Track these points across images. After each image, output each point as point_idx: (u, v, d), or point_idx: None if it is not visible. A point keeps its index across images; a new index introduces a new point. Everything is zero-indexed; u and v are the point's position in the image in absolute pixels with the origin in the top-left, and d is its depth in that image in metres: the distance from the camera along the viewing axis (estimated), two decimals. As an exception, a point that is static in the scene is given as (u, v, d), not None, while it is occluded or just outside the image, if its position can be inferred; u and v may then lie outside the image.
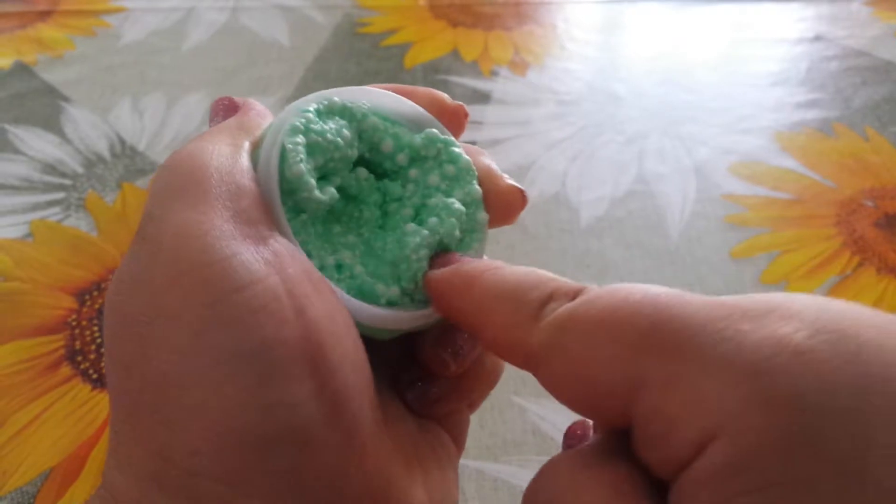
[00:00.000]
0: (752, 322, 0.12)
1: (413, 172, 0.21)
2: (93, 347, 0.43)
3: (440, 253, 0.20)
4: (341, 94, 0.20)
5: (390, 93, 0.21)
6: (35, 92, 0.66)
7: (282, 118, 0.19)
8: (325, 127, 0.19)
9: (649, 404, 0.13)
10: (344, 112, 0.20)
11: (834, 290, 0.46)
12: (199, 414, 0.14)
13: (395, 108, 0.21)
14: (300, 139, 0.18)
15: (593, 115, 0.63)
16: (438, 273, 0.19)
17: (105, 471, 0.16)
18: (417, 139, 0.21)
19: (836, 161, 0.58)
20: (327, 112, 0.20)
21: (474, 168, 0.21)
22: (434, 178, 0.21)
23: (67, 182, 0.55)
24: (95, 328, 0.44)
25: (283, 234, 0.17)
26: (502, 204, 0.21)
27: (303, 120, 0.19)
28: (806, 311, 0.12)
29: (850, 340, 0.12)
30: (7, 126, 0.61)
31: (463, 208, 0.20)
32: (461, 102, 0.22)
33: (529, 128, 0.62)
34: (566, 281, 0.16)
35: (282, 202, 0.18)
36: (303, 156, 0.18)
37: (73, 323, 0.44)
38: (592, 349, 0.14)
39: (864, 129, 0.61)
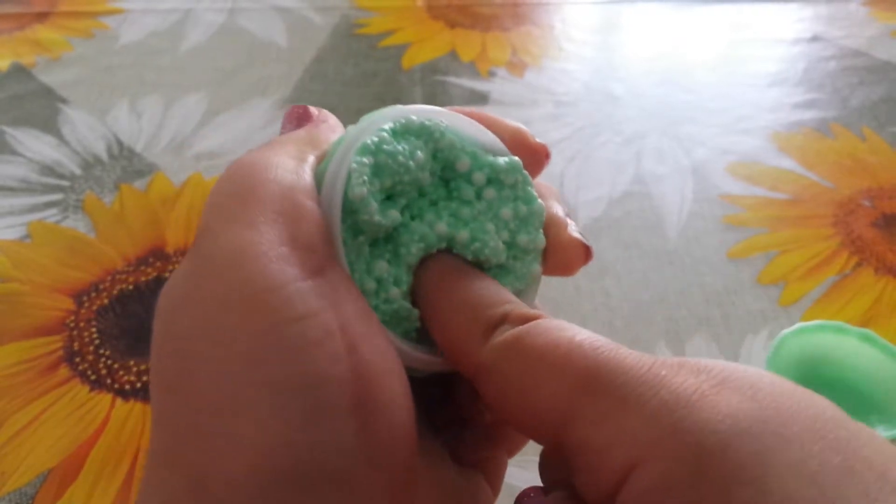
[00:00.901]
0: (669, 370, 0.14)
1: (489, 193, 0.20)
2: (91, 349, 0.43)
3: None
4: (420, 113, 0.20)
5: (470, 119, 0.21)
6: (33, 93, 0.66)
7: (354, 135, 0.18)
8: (398, 148, 0.18)
9: (580, 437, 0.14)
10: (421, 131, 0.19)
11: (832, 291, 0.47)
12: (241, 445, 0.14)
13: (473, 133, 0.21)
14: (368, 159, 0.18)
15: (591, 116, 0.63)
16: (428, 261, 0.19)
17: (141, 489, 0.15)
18: (500, 161, 0.20)
19: (833, 161, 0.58)
20: (403, 131, 0.19)
21: (545, 214, 0.20)
22: (507, 212, 0.20)
23: (65, 183, 0.55)
24: (94, 329, 0.44)
25: (339, 261, 0.17)
26: (563, 257, 0.20)
27: (375, 139, 0.18)
28: (713, 369, 0.14)
29: (746, 388, 0.14)
30: (5, 128, 0.61)
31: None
32: (545, 143, 0.22)
33: (527, 128, 0.62)
34: (522, 306, 0.17)
35: (342, 220, 0.17)
36: (366, 177, 0.18)
37: (72, 324, 0.44)
38: (531, 378, 0.15)
39: (862, 129, 0.62)
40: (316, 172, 0.18)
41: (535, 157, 0.21)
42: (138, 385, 0.41)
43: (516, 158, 0.20)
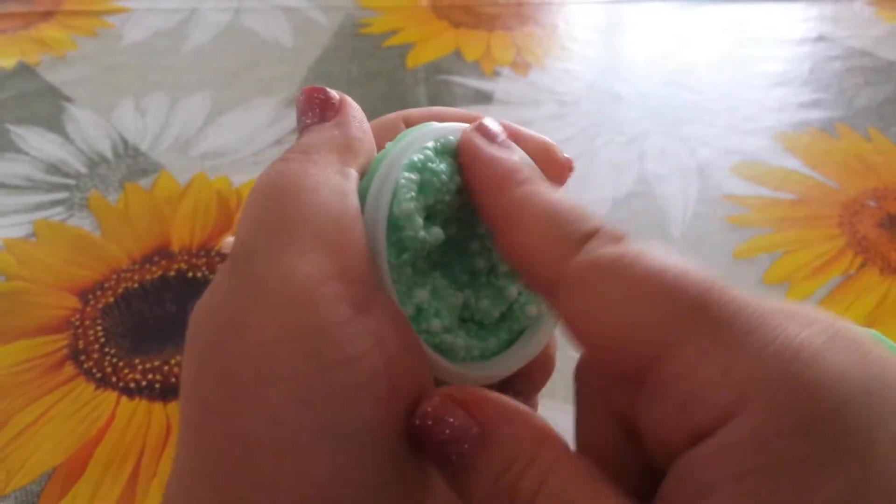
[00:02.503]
0: (783, 317, 0.13)
1: None
2: (96, 347, 0.43)
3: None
4: (455, 133, 0.19)
5: None
6: (38, 92, 0.66)
7: (397, 152, 0.18)
8: (441, 167, 0.18)
9: (679, 369, 0.13)
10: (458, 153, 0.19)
11: (837, 291, 0.46)
12: (289, 483, 0.14)
13: None
14: (415, 176, 0.18)
15: (594, 116, 0.63)
16: (483, 150, 0.18)
17: (168, 498, 0.15)
18: None
19: (839, 161, 0.58)
20: (443, 151, 0.19)
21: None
22: None
23: (71, 182, 0.55)
24: (99, 328, 0.44)
25: (385, 285, 0.17)
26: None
27: (421, 157, 0.18)
28: (824, 321, 0.14)
29: (855, 348, 0.13)
30: (10, 126, 0.61)
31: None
32: (570, 157, 0.21)
33: (531, 128, 0.61)
34: (611, 224, 0.16)
35: (386, 237, 0.17)
36: (414, 193, 0.18)
37: (77, 322, 0.44)
38: (633, 301, 0.14)
39: (867, 129, 0.61)
40: (359, 188, 0.18)
41: (560, 172, 0.21)
42: (143, 383, 0.41)
43: None
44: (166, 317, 0.44)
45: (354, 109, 0.19)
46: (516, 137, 0.20)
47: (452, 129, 0.19)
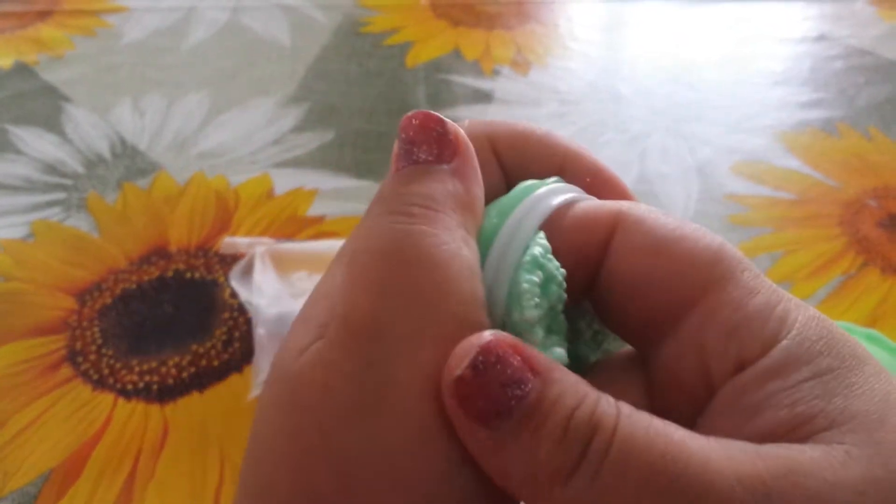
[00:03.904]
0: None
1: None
2: (93, 348, 0.42)
3: None
4: (557, 197, 0.17)
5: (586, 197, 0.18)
6: (35, 92, 0.65)
7: (509, 233, 0.16)
8: (556, 263, 0.16)
9: (728, 300, 0.15)
10: None
11: (838, 291, 0.46)
12: None
13: None
14: (536, 278, 0.16)
15: (595, 115, 0.63)
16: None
17: None
18: None
19: (839, 161, 0.57)
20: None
21: None
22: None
23: (68, 182, 0.55)
24: (96, 329, 0.44)
25: None
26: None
27: (540, 249, 0.16)
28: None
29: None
30: (8, 126, 0.61)
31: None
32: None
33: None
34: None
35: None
36: (537, 299, 0.16)
37: (74, 323, 0.44)
38: (682, 247, 0.16)
39: (868, 128, 0.61)
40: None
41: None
42: (140, 385, 0.40)
43: None
44: (164, 317, 0.44)
45: (471, 152, 0.17)
46: (604, 185, 0.20)
47: (552, 193, 0.17)
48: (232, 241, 0.48)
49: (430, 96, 0.65)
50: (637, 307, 0.16)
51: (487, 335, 0.14)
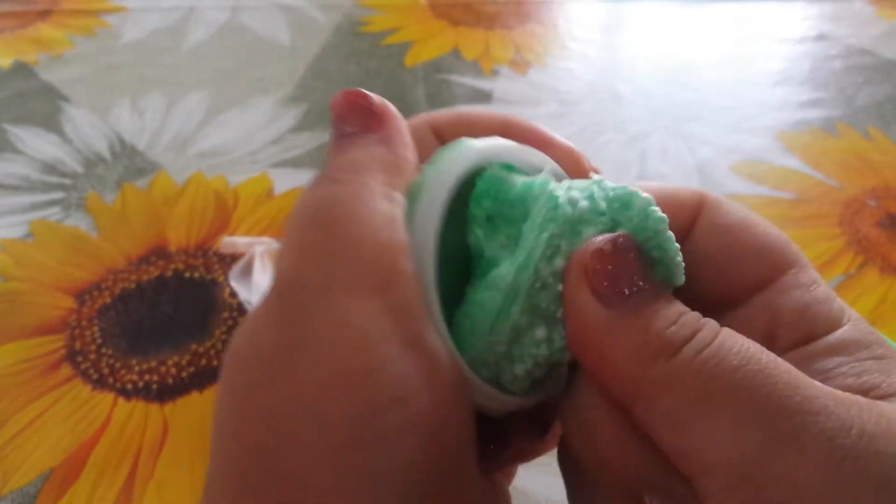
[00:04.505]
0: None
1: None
2: (93, 348, 0.42)
3: None
4: (491, 153, 0.18)
5: (527, 148, 0.19)
6: (35, 91, 0.65)
7: (435, 183, 0.17)
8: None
9: (800, 282, 0.17)
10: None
11: (838, 291, 0.46)
12: None
13: (527, 160, 0.19)
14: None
15: (595, 115, 0.63)
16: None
17: None
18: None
19: (839, 160, 0.57)
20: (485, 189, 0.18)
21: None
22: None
23: (67, 182, 0.55)
24: (95, 328, 0.44)
25: (434, 319, 0.16)
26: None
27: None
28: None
29: None
30: (7, 126, 0.61)
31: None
32: (597, 168, 0.21)
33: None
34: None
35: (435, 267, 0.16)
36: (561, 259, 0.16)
37: (73, 323, 0.44)
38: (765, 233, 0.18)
39: (867, 128, 0.61)
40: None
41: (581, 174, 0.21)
42: (140, 384, 0.40)
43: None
44: (163, 317, 0.44)
45: (399, 121, 0.18)
46: (543, 143, 0.20)
47: (490, 152, 0.18)
48: (231, 241, 0.48)
49: (429, 96, 0.65)
50: (717, 280, 0.17)
51: (606, 238, 0.16)
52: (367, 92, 0.18)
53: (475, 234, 0.18)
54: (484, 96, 0.65)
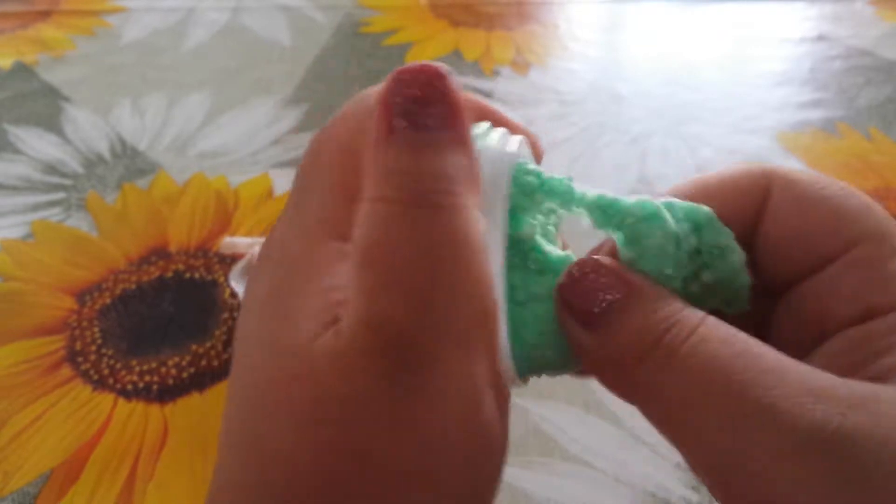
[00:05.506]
0: None
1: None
2: (93, 348, 0.42)
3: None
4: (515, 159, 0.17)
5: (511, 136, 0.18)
6: (36, 92, 0.65)
7: (492, 200, 0.16)
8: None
9: (869, 256, 0.16)
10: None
11: (838, 291, 0.46)
12: None
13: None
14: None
15: (596, 116, 0.63)
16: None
17: None
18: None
19: (840, 161, 0.57)
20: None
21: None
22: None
23: (68, 182, 0.55)
24: (96, 329, 0.44)
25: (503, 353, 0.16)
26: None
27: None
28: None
29: None
30: (7, 126, 0.61)
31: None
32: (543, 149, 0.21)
33: (531, 128, 0.61)
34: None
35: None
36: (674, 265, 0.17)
37: (74, 323, 0.44)
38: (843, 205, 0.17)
39: (868, 129, 0.61)
40: None
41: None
42: (140, 385, 0.40)
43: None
44: (163, 318, 0.44)
45: (468, 114, 0.15)
46: (503, 125, 0.18)
47: (514, 157, 0.17)
48: (232, 242, 0.48)
49: (430, 97, 0.65)
50: (784, 259, 0.17)
51: (591, 259, 0.16)
52: (444, 69, 0.15)
53: (532, 236, 0.17)
54: (484, 97, 0.65)
